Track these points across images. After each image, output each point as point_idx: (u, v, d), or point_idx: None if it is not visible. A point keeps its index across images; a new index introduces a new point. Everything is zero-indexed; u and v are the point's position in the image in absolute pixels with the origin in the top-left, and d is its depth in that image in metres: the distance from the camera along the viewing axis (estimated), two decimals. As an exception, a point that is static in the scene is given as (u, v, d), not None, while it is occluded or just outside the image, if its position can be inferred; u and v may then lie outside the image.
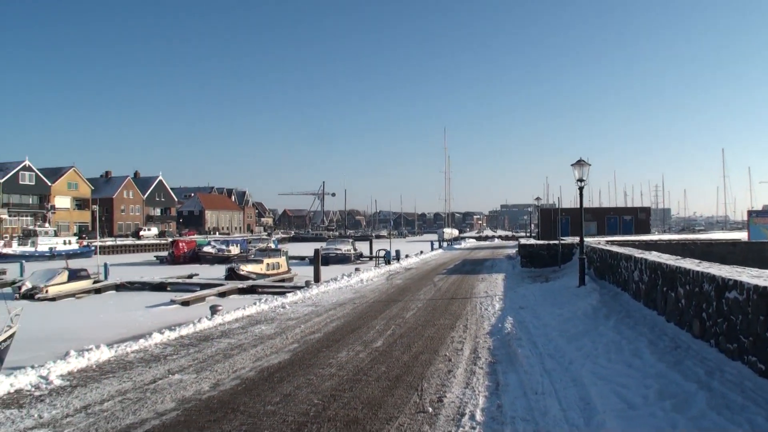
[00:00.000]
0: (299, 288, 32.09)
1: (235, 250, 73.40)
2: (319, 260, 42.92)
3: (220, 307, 21.61)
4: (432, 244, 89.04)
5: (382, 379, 12.45)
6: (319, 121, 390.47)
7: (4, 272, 51.45)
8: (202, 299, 34.38)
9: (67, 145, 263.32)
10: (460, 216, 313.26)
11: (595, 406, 9.75)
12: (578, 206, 27.11)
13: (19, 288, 37.35)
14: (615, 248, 26.87)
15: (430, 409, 10.23)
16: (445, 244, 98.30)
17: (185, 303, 32.90)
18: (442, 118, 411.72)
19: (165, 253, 77.55)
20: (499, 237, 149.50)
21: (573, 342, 14.70)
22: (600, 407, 9.60)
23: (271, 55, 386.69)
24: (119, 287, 41.46)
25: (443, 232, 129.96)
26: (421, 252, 66.38)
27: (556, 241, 42.07)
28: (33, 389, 11.86)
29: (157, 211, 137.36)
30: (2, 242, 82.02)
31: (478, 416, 9.79)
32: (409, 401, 10.78)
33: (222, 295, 36.64)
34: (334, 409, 10.37)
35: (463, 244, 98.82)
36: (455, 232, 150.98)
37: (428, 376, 12.55)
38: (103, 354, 14.48)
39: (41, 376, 12.39)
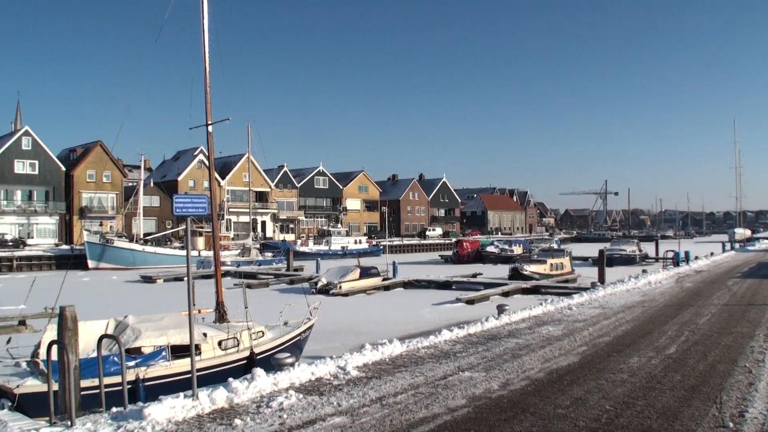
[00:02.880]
0: (585, 289, 31.21)
1: (517, 250, 73.31)
2: (603, 261, 41.44)
3: (507, 307, 21.54)
4: (723, 245, 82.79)
5: (676, 388, 11.78)
6: (600, 118, 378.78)
7: (301, 269, 55.83)
8: (486, 298, 34.65)
9: (356, 150, 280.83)
10: (752, 215, 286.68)
11: None
12: None
13: (316, 284, 40.15)
14: None
15: (731, 424, 9.46)
16: (737, 245, 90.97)
17: (470, 301, 33.34)
18: (731, 109, 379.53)
19: (449, 253, 79.42)
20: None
21: None
22: None
23: (555, 60, 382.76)
24: (407, 285, 43.06)
25: (735, 232, 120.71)
26: (711, 253, 62.57)
27: None
28: (332, 378, 12.53)
29: (441, 212, 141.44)
30: (300, 241, 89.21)
31: (786, 436, 8.85)
32: (707, 414, 10.08)
33: (505, 294, 36.63)
34: (627, 417, 9.94)
35: (758, 246, 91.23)
36: (747, 233, 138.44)
37: (727, 388, 11.69)
38: (396, 348, 14.98)
39: (339, 367, 13.07)
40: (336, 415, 10.08)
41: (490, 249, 74.27)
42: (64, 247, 72.59)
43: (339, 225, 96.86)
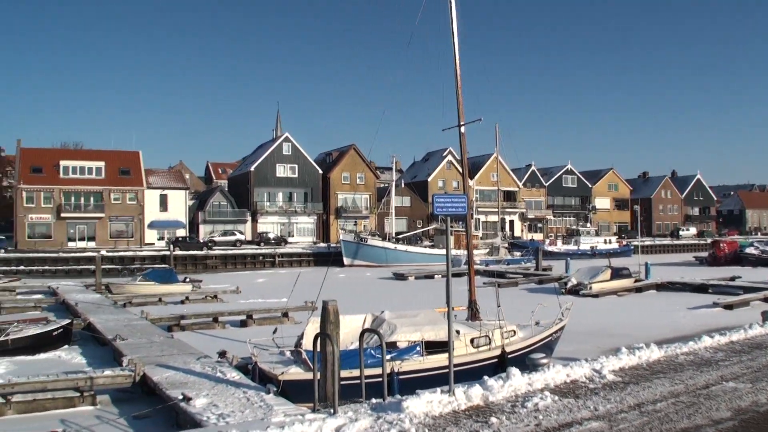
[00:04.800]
0: None
1: (781, 251, 67.11)
2: None
3: (772, 314, 19.84)
4: None
5: None
6: None
7: (550, 268, 55.01)
8: (746, 303, 32.02)
9: (605, 148, 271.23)
10: None
11: None
12: None
13: (565, 284, 39.37)
14: None
15: None
16: None
17: (728, 306, 31.01)
18: None
19: (704, 254, 74.50)
20: None
21: None
22: None
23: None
24: (659, 287, 40.94)
25: None
26: None
27: None
28: (587, 381, 12.26)
29: (695, 211, 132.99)
30: (548, 240, 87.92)
31: None
32: None
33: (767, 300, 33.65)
34: None
35: None
36: None
37: None
38: (653, 353, 14.35)
39: (595, 370, 12.75)
40: (593, 420, 9.86)
41: (750, 250, 68.47)
42: (322, 245, 77.34)
43: (588, 224, 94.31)
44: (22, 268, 56.03)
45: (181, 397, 11.90)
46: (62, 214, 71.09)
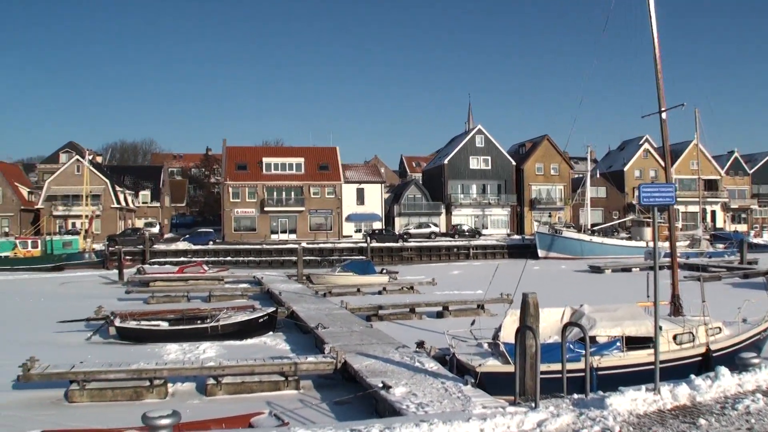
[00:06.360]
0: None
1: None
2: None
3: None
4: None
5: None
6: None
7: (755, 262, 51.18)
8: None
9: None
10: None
11: None
12: None
13: (777, 279, 36.63)
14: None
15: None
16: None
17: None
18: None
19: None
20: None
21: None
22: None
23: None
24: None
25: None
26: None
27: None
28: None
29: None
30: (753, 232, 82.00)
31: None
32: None
33: None
34: None
35: None
36: None
37: None
38: None
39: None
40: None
41: None
42: (516, 237, 76.54)
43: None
44: (229, 258, 60.32)
45: (380, 385, 12.25)
46: (265, 208, 75.10)
